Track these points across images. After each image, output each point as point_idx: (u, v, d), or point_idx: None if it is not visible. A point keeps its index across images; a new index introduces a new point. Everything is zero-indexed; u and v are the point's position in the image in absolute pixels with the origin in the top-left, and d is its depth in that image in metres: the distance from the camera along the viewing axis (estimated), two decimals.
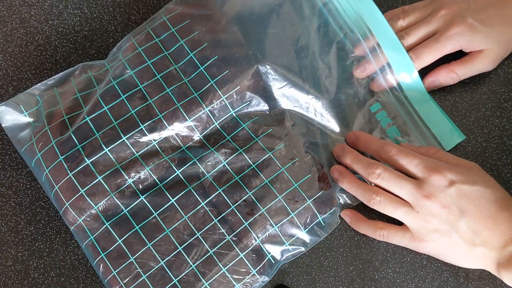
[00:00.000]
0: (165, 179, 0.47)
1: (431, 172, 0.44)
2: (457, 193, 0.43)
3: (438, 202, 0.43)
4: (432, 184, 0.44)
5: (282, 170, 0.47)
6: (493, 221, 0.43)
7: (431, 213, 0.44)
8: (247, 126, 0.49)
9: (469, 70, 0.51)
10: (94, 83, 0.50)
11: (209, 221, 0.46)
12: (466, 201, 0.43)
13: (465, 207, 0.43)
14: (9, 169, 0.53)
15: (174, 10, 0.51)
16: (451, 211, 0.43)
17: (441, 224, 0.44)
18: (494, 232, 0.43)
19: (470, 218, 0.43)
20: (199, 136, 0.48)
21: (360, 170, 0.47)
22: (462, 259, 0.45)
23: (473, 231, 0.43)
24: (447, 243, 0.44)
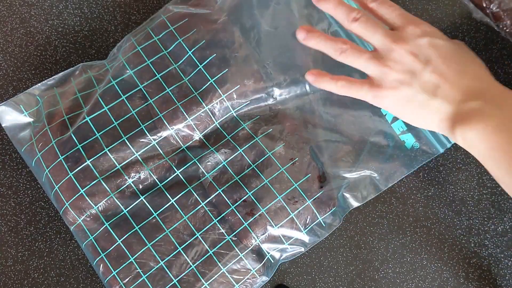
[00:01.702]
0: (165, 179, 0.47)
1: (409, 22, 0.43)
2: (429, 43, 0.42)
3: (406, 48, 0.42)
4: (406, 31, 0.43)
5: (282, 170, 0.47)
6: (459, 75, 0.42)
7: (396, 59, 0.42)
8: (247, 126, 0.49)
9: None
10: (94, 83, 0.50)
11: (209, 221, 0.46)
12: (435, 52, 0.42)
13: (432, 58, 0.42)
14: (9, 169, 0.53)
15: (173, 10, 0.51)
16: (417, 59, 0.42)
17: (404, 72, 0.42)
18: (458, 86, 0.42)
19: (436, 68, 0.42)
20: (199, 136, 0.48)
21: (341, 15, 0.44)
22: (418, 115, 0.43)
23: (435, 82, 0.42)
24: (406, 94, 0.43)
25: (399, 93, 0.43)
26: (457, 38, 0.56)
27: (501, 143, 0.39)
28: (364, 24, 0.43)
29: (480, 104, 0.40)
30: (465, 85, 0.42)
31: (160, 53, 0.49)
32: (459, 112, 0.41)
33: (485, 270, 0.51)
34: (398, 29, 0.43)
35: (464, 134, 0.41)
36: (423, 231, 0.52)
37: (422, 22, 0.43)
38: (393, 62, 0.42)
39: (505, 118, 0.39)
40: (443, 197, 0.52)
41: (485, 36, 0.56)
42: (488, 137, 0.40)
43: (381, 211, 0.52)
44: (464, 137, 0.41)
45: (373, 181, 0.49)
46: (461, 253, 0.51)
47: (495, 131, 0.39)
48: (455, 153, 0.53)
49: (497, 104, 0.40)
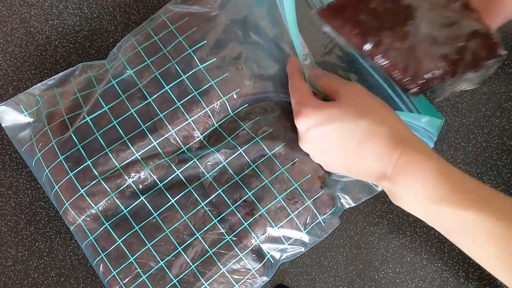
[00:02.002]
0: (165, 179, 0.47)
1: (296, 117, 0.44)
2: (316, 136, 0.43)
3: (307, 147, 0.45)
4: (298, 128, 0.44)
5: (282, 170, 0.47)
6: (358, 157, 0.42)
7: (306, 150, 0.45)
8: (247, 127, 0.49)
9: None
10: (94, 83, 0.50)
11: (209, 221, 0.46)
12: (327, 141, 0.43)
13: (328, 148, 0.43)
14: (9, 169, 0.53)
15: (173, 9, 0.51)
16: (319, 152, 0.44)
17: (320, 160, 0.45)
18: (362, 170, 0.42)
19: (337, 157, 0.43)
20: (199, 136, 0.48)
21: None
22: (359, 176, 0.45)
23: (344, 167, 0.43)
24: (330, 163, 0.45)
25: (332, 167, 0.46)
26: None
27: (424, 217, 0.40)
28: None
29: (388, 185, 0.41)
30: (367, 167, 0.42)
31: (160, 52, 0.49)
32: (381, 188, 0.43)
33: (485, 270, 0.51)
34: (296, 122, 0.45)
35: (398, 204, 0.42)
36: (423, 231, 0.52)
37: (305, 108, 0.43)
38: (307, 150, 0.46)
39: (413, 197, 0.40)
40: None
41: None
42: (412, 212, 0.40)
43: (381, 211, 0.52)
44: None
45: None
46: (461, 253, 0.51)
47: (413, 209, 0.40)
48: (455, 153, 0.53)
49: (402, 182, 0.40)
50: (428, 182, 0.39)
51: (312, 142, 0.44)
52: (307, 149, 0.45)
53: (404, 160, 0.40)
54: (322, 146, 0.43)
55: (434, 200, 0.38)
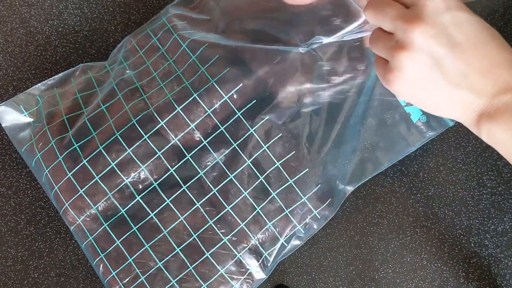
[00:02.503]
0: (162, 179, 0.47)
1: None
2: (452, 21, 0.35)
3: (423, 28, 0.35)
4: (423, 6, 0.35)
5: (277, 165, 0.47)
6: (489, 62, 0.35)
7: (411, 43, 0.35)
8: (247, 124, 0.48)
9: None
10: (95, 84, 0.50)
11: (206, 222, 0.46)
12: (460, 33, 0.35)
13: (457, 40, 0.35)
14: (9, 169, 0.53)
15: (173, 12, 0.51)
16: (438, 41, 0.35)
17: (424, 56, 0.35)
18: (487, 76, 0.35)
19: (461, 55, 0.35)
20: (198, 136, 0.48)
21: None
22: (439, 105, 0.38)
23: (461, 71, 0.35)
24: (427, 83, 0.37)
25: (417, 82, 0.37)
26: None
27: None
28: (374, 8, 0.37)
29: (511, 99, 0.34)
30: (496, 74, 0.35)
31: (159, 53, 0.49)
32: (488, 106, 0.36)
33: (485, 270, 0.51)
34: (414, 5, 0.36)
35: (491, 130, 0.36)
36: (423, 231, 0.52)
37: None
38: (409, 47, 0.36)
39: None
40: (443, 197, 0.52)
41: None
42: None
43: (381, 211, 0.52)
44: (491, 134, 0.36)
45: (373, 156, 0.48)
46: (461, 253, 0.51)
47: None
48: (455, 153, 0.53)
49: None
50: None
51: (439, 27, 0.35)
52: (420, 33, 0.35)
53: None
54: (450, 34, 0.35)
55: None
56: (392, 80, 0.37)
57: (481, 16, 0.56)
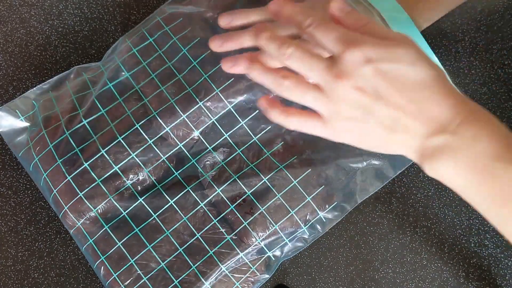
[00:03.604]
0: (163, 180, 0.47)
1: (347, 47, 0.36)
2: (374, 72, 0.36)
3: (351, 83, 0.36)
4: (345, 60, 0.36)
5: (281, 167, 0.47)
6: (417, 106, 0.36)
7: (343, 97, 0.37)
8: (245, 124, 0.48)
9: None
10: (89, 85, 0.50)
11: (209, 221, 0.46)
12: (384, 81, 0.36)
13: (382, 89, 0.36)
14: (9, 169, 0.53)
15: (167, 11, 0.51)
16: (365, 94, 0.36)
17: (354, 110, 0.37)
18: (418, 119, 0.36)
19: (389, 102, 0.36)
20: (196, 134, 0.48)
21: (273, 51, 0.39)
22: (382, 146, 0.39)
23: (392, 117, 0.37)
24: (363, 131, 0.38)
25: (356, 132, 0.38)
26: (457, 38, 0.56)
27: (474, 183, 0.36)
28: (298, 62, 0.38)
29: (447, 139, 0.36)
30: (427, 115, 0.36)
31: (155, 53, 0.49)
32: (424, 147, 0.37)
33: (485, 270, 0.51)
34: (337, 59, 0.37)
35: (433, 170, 0.37)
36: (423, 231, 0.52)
37: (363, 40, 0.37)
38: (340, 101, 0.37)
39: (477, 152, 0.35)
40: (443, 197, 0.52)
41: (485, 36, 0.56)
42: (460, 175, 0.36)
43: (381, 211, 0.52)
44: (434, 172, 0.37)
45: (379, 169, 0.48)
46: (461, 253, 0.51)
47: (467, 169, 0.36)
48: None
49: (467, 135, 0.36)
50: (499, 139, 0.35)
51: (362, 79, 0.36)
52: (348, 88, 0.36)
53: (470, 111, 0.36)
54: (374, 85, 0.36)
55: (502, 161, 0.34)
56: (340, 136, 0.39)
57: (481, 16, 0.56)
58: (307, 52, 0.38)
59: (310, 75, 0.38)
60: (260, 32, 0.39)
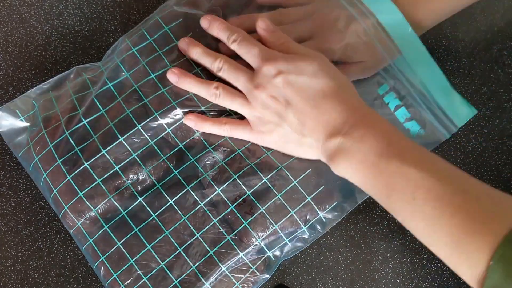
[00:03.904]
0: (163, 180, 0.47)
1: (263, 62, 0.43)
2: (283, 82, 0.43)
3: (266, 92, 0.43)
4: (262, 74, 0.43)
5: (281, 167, 0.47)
6: (318, 111, 0.42)
7: (262, 104, 0.44)
8: None
9: None
10: (90, 85, 0.50)
11: (209, 221, 0.46)
12: (291, 90, 0.43)
13: (291, 97, 0.43)
14: (9, 169, 0.53)
15: (167, 10, 0.51)
16: (278, 101, 0.43)
17: (272, 115, 0.44)
18: (319, 123, 0.43)
19: (296, 108, 0.43)
20: (197, 135, 0.48)
21: (207, 64, 0.47)
22: (299, 151, 0.46)
23: (300, 121, 0.43)
24: (281, 134, 0.45)
25: (275, 135, 0.45)
26: (457, 38, 0.56)
27: (367, 178, 0.41)
28: (227, 74, 0.45)
29: (340, 141, 0.41)
30: (325, 119, 0.42)
31: (155, 53, 0.49)
32: (326, 149, 0.43)
33: None
34: (256, 71, 0.44)
35: (336, 170, 0.42)
36: None
37: (277, 56, 0.44)
38: (260, 108, 0.44)
39: (365, 150, 0.40)
40: None
41: (485, 36, 0.56)
42: (355, 173, 0.41)
43: (381, 211, 0.52)
44: (338, 172, 0.42)
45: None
46: None
47: (359, 167, 0.41)
48: (455, 153, 0.53)
49: (356, 137, 0.41)
50: (383, 138, 0.40)
51: (275, 89, 0.43)
52: (264, 96, 0.43)
53: (361, 116, 0.42)
54: (284, 94, 0.43)
55: (385, 156, 0.40)
56: (263, 139, 0.46)
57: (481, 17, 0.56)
58: (234, 65, 0.45)
59: (236, 85, 0.45)
60: (191, 48, 0.47)
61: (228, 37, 0.46)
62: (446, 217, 0.36)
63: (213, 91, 0.46)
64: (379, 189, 0.41)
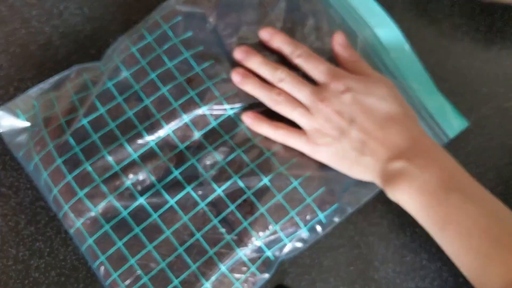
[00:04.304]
0: (163, 180, 0.47)
1: (332, 78, 0.44)
2: (351, 100, 0.43)
3: (331, 107, 0.43)
4: (330, 88, 0.44)
5: (281, 169, 0.47)
6: (383, 132, 0.43)
7: (324, 117, 0.44)
8: (245, 127, 0.49)
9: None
10: (90, 85, 0.50)
11: (209, 221, 0.46)
12: (358, 109, 0.43)
13: (356, 115, 0.43)
14: (9, 169, 0.53)
15: (166, 9, 0.51)
16: (343, 117, 0.43)
17: (333, 129, 0.44)
18: (383, 144, 0.43)
19: (360, 127, 0.43)
20: (197, 136, 0.48)
21: (267, 75, 0.47)
22: (353, 169, 0.45)
23: (362, 140, 0.43)
24: (338, 150, 0.44)
25: (332, 149, 0.45)
26: (457, 38, 0.56)
27: (424, 206, 0.41)
28: (289, 86, 0.46)
29: (403, 165, 0.41)
30: (390, 142, 0.43)
31: (155, 53, 0.49)
32: (385, 171, 0.43)
33: None
34: (323, 86, 0.44)
35: (392, 193, 0.43)
36: (423, 231, 0.52)
37: (346, 75, 0.44)
38: (322, 121, 0.44)
39: (426, 179, 0.41)
40: None
41: (485, 37, 0.56)
42: (413, 198, 0.41)
43: (381, 211, 0.52)
44: (393, 195, 0.43)
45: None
46: None
47: (418, 193, 0.41)
48: (455, 153, 0.53)
49: (420, 163, 0.41)
50: (445, 170, 0.41)
51: (341, 105, 0.43)
52: (329, 110, 0.44)
53: (426, 145, 0.43)
54: (350, 111, 0.43)
55: (446, 188, 0.40)
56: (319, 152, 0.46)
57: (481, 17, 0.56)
58: (296, 77, 0.46)
59: (298, 96, 0.45)
60: (249, 57, 0.47)
61: (292, 52, 0.46)
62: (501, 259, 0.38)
63: (274, 97, 0.46)
64: (434, 219, 0.41)
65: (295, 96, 0.46)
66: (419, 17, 0.56)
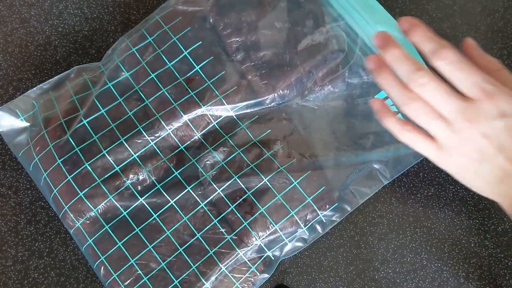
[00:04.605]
0: (163, 180, 0.47)
1: (486, 96, 0.38)
2: (505, 127, 0.38)
3: (480, 130, 0.38)
4: (481, 109, 0.38)
5: (281, 169, 0.47)
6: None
7: (468, 138, 0.39)
8: (245, 126, 0.49)
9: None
10: (90, 85, 0.50)
11: (209, 221, 0.46)
12: (510, 138, 0.38)
13: (507, 144, 0.38)
14: (9, 169, 0.53)
15: (166, 9, 0.51)
16: (490, 143, 0.38)
17: (475, 152, 0.39)
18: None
19: (509, 156, 0.38)
20: (197, 135, 0.48)
21: (402, 72, 0.40)
22: (479, 185, 0.41)
23: (506, 170, 0.39)
24: (474, 170, 0.40)
25: (466, 166, 0.40)
26: (457, 38, 0.56)
27: None
28: (431, 94, 0.39)
29: None
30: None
31: (155, 53, 0.49)
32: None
33: (485, 270, 0.51)
34: (472, 102, 0.38)
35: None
36: (423, 231, 0.52)
37: (502, 93, 0.38)
38: (464, 140, 0.39)
39: None
40: (443, 197, 0.52)
41: (485, 36, 0.56)
42: None
43: (381, 211, 0.52)
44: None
45: (378, 172, 0.49)
46: (461, 253, 0.51)
47: None
48: None
49: None
50: None
51: (491, 130, 0.38)
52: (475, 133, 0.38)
53: None
54: (500, 139, 0.38)
55: None
56: (448, 164, 0.41)
57: (481, 17, 0.56)
58: (442, 86, 0.39)
59: (439, 107, 0.39)
60: (388, 47, 0.40)
61: (434, 51, 0.39)
62: None
63: (409, 102, 0.40)
64: None
65: (434, 107, 0.39)
66: (419, 17, 0.56)
